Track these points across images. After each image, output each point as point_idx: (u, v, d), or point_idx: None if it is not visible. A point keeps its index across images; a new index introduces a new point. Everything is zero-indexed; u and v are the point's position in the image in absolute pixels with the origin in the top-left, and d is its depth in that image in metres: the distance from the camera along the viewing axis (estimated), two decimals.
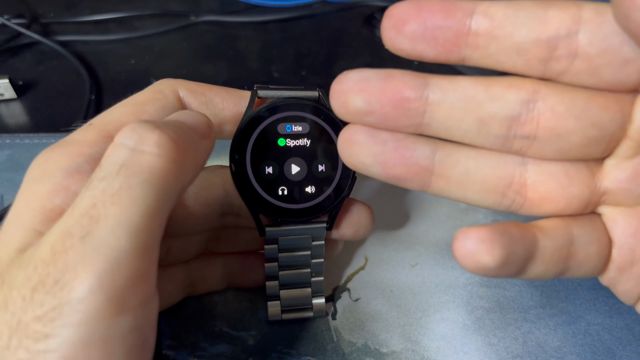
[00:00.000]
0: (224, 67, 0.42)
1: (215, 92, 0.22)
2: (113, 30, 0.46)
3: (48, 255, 0.15)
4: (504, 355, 0.24)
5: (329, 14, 0.49)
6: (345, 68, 0.18)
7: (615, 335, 0.25)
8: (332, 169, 0.22)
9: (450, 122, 0.18)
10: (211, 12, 0.48)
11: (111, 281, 0.15)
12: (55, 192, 0.17)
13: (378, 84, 0.17)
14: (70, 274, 0.14)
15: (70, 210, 0.16)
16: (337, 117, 0.21)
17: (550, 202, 0.19)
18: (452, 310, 0.26)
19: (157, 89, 0.22)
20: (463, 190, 0.19)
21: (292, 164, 0.22)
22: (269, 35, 0.46)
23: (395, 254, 0.29)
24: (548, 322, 0.26)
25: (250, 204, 0.22)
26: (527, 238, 0.18)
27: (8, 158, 0.34)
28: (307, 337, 0.25)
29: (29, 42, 0.44)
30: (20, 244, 0.16)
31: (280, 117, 0.22)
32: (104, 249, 0.15)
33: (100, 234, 0.15)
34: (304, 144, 0.22)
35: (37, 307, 0.14)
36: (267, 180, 0.22)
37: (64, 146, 0.19)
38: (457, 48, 0.17)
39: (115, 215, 0.15)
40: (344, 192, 0.23)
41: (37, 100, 0.39)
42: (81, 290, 0.14)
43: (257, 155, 0.22)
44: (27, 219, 0.17)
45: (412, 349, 0.25)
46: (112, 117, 0.20)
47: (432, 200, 0.31)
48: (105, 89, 0.40)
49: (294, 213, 0.22)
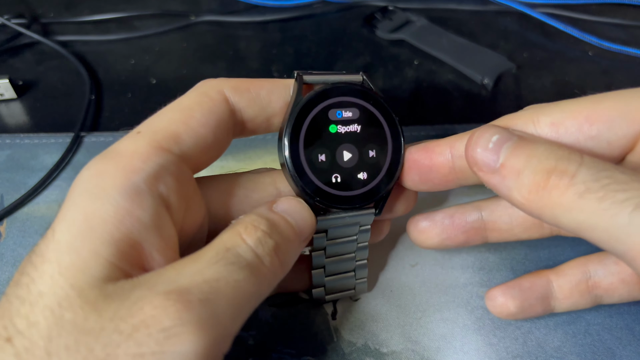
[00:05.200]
0: (224, 67, 0.42)
1: (260, 86, 0.22)
2: (113, 30, 0.46)
3: (160, 300, 0.15)
4: (504, 355, 0.24)
5: (329, 14, 0.49)
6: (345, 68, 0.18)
7: (615, 335, 0.25)
8: (382, 154, 0.22)
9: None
10: (211, 12, 0.48)
11: (214, 350, 0.16)
12: (120, 218, 0.17)
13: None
14: (182, 328, 0.15)
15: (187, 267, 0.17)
16: (385, 101, 0.22)
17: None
18: (452, 310, 0.26)
19: (202, 91, 0.21)
20: (514, 233, 0.25)
21: (344, 151, 0.22)
22: (269, 35, 0.46)
23: (395, 254, 0.29)
24: (548, 322, 0.26)
25: (305, 193, 0.21)
26: (538, 283, 0.24)
27: (8, 158, 0.34)
28: (307, 337, 0.25)
29: (29, 42, 0.44)
30: (101, 275, 0.16)
31: (331, 102, 0.21)
32: (218, 320, 0.16)
33: (219, 306, 0.16)
34: (355, 129, 0.22)
35: (133, 345, 0.15)
36: (320, 168, 0.21)
37: (116, 158, 0.18)
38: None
39: (233, 299, 0.17)
40: (395, 177, 0.22)
41: (37, 100, 0.39)
42: (189, 348, 0.15)
43: (310, 144, 0.21)
44: (100, 247, 0.16)
45: (412, 349, 0.25)
46: (160, 125, 0.19)
47: (432, 200, 0.31)
48: (105, 89, 0.40)
49: (349, 200, 0.22)
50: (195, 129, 0.20)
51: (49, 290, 0.16)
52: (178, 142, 0.19)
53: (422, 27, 0.47)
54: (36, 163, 0.33)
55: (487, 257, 0.28)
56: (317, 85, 0.22)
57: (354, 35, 0.46)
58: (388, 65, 0.43)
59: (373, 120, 0.22)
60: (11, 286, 0.16)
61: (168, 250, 0.18)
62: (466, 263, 0.28)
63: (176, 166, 0.19)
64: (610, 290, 0.24)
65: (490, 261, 0.28)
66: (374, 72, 0.42)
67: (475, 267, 0.28)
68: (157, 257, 0.18)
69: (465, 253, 0.29)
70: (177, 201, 0.19)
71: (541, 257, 0.28)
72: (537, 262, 0.28)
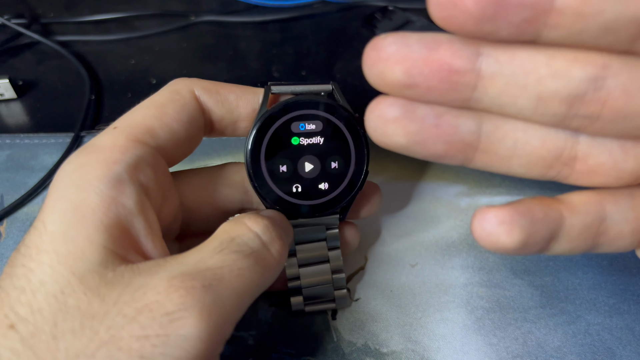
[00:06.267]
0: (224, 67, 0.42)
1: (229, 90, 0.23)
2: (113, 30, 0.46)
3: (164, 286, 0.16)
4: (504, 355, 0.24)
5: (329, 14, 0.49)
6: (345, 68, 0.18)
7: (615, 335, 0.25)
8: (345, 166, 0.23)
9: (504, 98, 0.16)
10: (211, 12, 0.48)
11: (216, 336, 0.16)
12: (107, 206, 0.18)
13: (422, 53, 0.15)
14: (186, 312, 0.15)
15: (190, 257, 0.18)
16: (351, 114, 0.22)
17: (599, 176, 0.17)
18: (452, 310, 0.26)
19: (174, 89, 0.22)
20: (508, 164, 0.18)
21: (305, 162, 0.23)
22: (269, 35, 0.46)
23: (395, 254, 0.29)
24: (548, 322, 0.26)
25: (265, 201, 0.23)
26: (551, 217, 0.17)
27: (8, 158, 0.34)
28: (307, 337, 0.25)
29: (29, 42, 0.43)
30: (98, 260, 0.17)
31: (293, 115, 0.22)
32: (221, 306, 0.16)
33: (222, 293, 0.17)
34: (318, 141, 0.23)
35: (137, 328, 0.15)
36: (281, 179, 0.22)
37: (96, 152, 0.19)
38: (534, 28, 0.14)
39: (236, 287, 0.17)
40: (356, 188, 0.23)
41: (37, 100, 0.39)
42: (192, 332, 0.15)
43: (271, 154, 0.22)
44: (93, 234, 0.17)
45: (412, 349, 0.25)
46: (136, 120, 0.20)
47: (432, 200, 0.31)
48: (105, 89, 0.40)
49: (308, 209, 0.23)
50: (169, 124, 0.21)
51: (50, 278, 0.16)
52: (153, 136, 0.20)
53: (422, 27, 0.47)
54: (36, 163, 0.33)
55: (487, 257, 0.28)
56: (284, 95, 0.23)
57: (354, 35, 0.46)
58: None
59: (336, 133, 0.23)
60: (4, 279, 0.17)
61: (154, 235, 0.19)
62: (466, 263, 0.28)
63: (153, 157, 0.20)
64: (616, 239, 0.18)
65: (490, 261, 0.28)
66: None
67: (475, 267, 0.28)
68: (145, 241, 0.18)
69: (465, 253, 0.29)
70: (156, 190, 0.20)
71: (541, 257, 0.28)
72: (538, 262, 0.28)
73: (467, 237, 0.29)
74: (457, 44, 0.15)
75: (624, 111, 0.15)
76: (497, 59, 0.15)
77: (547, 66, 0.15)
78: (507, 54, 0.15)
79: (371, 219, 0.29)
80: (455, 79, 0.15)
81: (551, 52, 0.15)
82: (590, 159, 0.17)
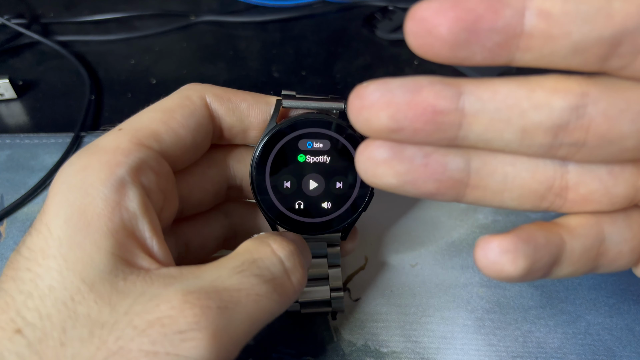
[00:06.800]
0: (224, 67, 0.42)
1: (241, 98, 0.22)
2: (113, 30, 0.46)
3: (178, 300, 0.16)
4: (504, 355, 0.24)
5: (329, 14, 0.49)
6: (345, 68, 0.18)
7: (615, 335, 0.25)
8: (349, 187, 0.23)
9: (489, 133, 0.16)
10: (211, 12, 0.48)
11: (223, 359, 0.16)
12: (111, 210, 0.17)
13: (405, 97, 0.15)
14: (199, 333, 0.15)
15: (208, 272, 0.17)
16: (359, 136, 0.21)
17: (593, 203, 0.18)
18: (452, 310, 0.26)
19: (185, 94, 0.22)
20: (500, 199, 0.18)
21: (310, 180, 0.22)
22: (269, 35, 0.46)
23: (395, 254, 0.29)
24: (548, 322, 0.26)
25: (267, 215, 0.23)
26: (553, 243, 0.17)
27: (8, 158, 0.34)
28: (307, 337, 0.25)
29: (29, 42, 0.44)
30: (109, 268, 0.17)
31: (302, 133, 0.22)
32: (234, 330, 0.16)
33: (236, 317, 0.16)
34: (324, 160, 0.22)
35: (147, 342, 0.15)
36: (284, 194, 0.22)
37: (99, 153, 0.19)
38: (506, 51, 0.15)
39: (251, 313, 0.17)
40: (360, 209, 0.23)
41: (37, 100, 0.39)
42: (202, 354, 0.15)
43: (277, 170, 0.22)
44: (100, 240, 0.17)
45: (412, 349, 0.25)
46: (141, 124, 0.20)
47: (432, 201, 0.31)
48: (105, 89, 0.40)
49: (309, 227, 0.23)
50: (175, 130, 0.20)
51: (59, 284, 0.16)
52: (158, 140, 0.20)
53: None
54: (36, 163, 0.33)
55: None
56: (296, 110, 0.23)
57: (354, 35, 0.46)
58: (388, 66, 0.43)
59: (344, 153, 0.22)
60: (6, 282, 0.16)
61: (158, 238, 0.19)
62: (466, 263, 0.28)
63: (156, 161, 0.20)
64: (616, 259, 0.18)
65: None
66: (374, 73, 0.42)
67: (475, 267, 0.28)
68: (150, 242, 0.18)
69: (465, 253, 0.29)
70: (158, 193, 0.20)
71: None
72: None
73: (467, 237, 0.29)
74: (438, 86, 0.16)
75: (607, 135, 0.16)
76: (479, 97, 0.15)
77: (528, 99, 0.15)
78: (489, 91, 0.16)
79: (371, 220, 0.29)
80: (439, 119, 0.15)
81: (531, 85, 0.16)
82: (581, 187, 0.17)
